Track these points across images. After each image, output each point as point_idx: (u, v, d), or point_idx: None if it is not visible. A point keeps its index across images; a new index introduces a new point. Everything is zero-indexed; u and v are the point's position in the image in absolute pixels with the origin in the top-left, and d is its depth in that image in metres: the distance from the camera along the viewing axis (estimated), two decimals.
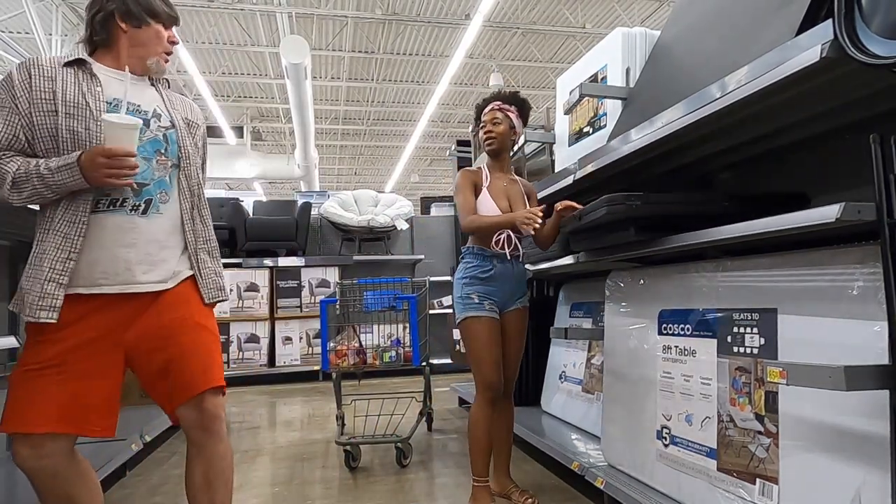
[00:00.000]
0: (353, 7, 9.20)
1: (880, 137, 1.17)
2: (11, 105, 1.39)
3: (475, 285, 2.20)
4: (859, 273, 1.36)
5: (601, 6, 9.61)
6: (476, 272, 2.21)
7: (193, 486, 1.51)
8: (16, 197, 1.38)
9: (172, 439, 3.45)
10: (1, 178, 1.37)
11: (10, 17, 8.80)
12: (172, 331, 1.48)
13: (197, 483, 1.50)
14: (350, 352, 2.93)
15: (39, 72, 1.41)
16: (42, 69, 1.42)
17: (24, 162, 1.38)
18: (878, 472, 1.24)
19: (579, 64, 2.81)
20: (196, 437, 1.50)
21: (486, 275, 2.20)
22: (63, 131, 1.39)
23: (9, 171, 1.37)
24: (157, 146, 1.50)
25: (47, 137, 1.40)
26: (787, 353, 1.51)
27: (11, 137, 1.39)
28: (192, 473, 1.51)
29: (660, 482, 1.90)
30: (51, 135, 1.40)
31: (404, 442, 2.78)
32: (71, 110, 1.40)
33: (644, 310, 2.12)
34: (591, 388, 2.80)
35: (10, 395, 1.39)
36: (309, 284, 5.75)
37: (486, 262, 2.21)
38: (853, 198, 1.65)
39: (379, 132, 15.82)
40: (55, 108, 1.40)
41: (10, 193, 1.38)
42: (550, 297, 3.81)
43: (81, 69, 1.46)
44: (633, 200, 1.76)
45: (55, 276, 1.38)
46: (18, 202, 1.39)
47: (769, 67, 1.29)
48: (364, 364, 2.93)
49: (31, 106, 1.39)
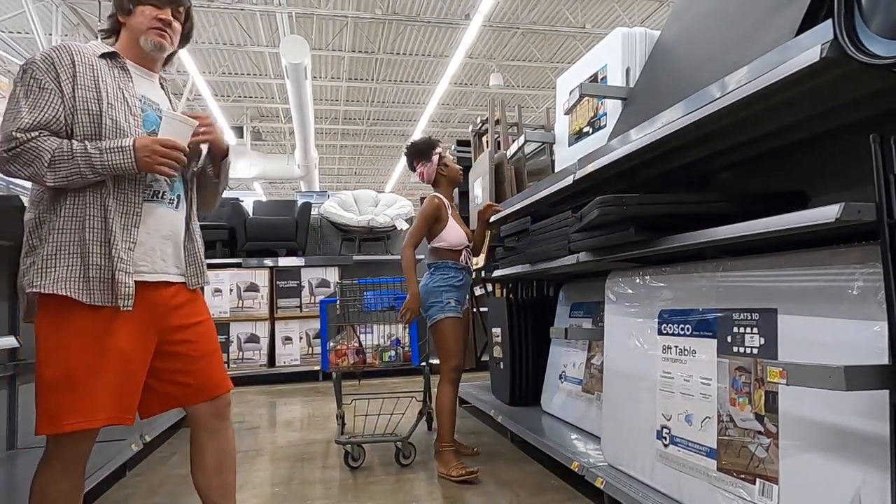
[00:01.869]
0: (353, 7, 9.20)
1: (880, 137, 1.17)
2: (54, 87, 1.40)
3: (452, 292, 2.72)
4: (859, 273, 1.36)
5: (601, 6, 9.61)
6: (452, 281, 2.74)
7: (206, 470, 1.59)
8: (51, 176, 1.37)
9: (172, 439, 3.45)
10: (37, 156, 1.36)
11: (10, 17, 8.80)
12: (199, 335, 1.59)
13: (210, 466, 1.59)
14: (350, 351, 2.95)
15: (81, 59, 1.44)
16: (83, 56, 1.45)
17: (62, 143, 1.38)
18: (878, 472, 1.24)
19: (579, 64, 2.81)
20: (211, 423, 1.60)
21: (460, 283, 2.76)
22: (107, 119, 1.43)
23: (46, 150, 1.36)
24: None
25: (88, 123, 1.42)
26: (787, 353, 1.51)
27: (52, 118, 1.39)
28: (203, 457, 1.59)
29: (660, 482, 1.90)
30: (93, 121, 1.42)
31: (404, 441, 2.78)
32: (112, 100, 1.46)
33: (644, 310, 2.12)
34: (591, 388, 2.80)
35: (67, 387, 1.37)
36: (309, 284, 5.76)
37: (459, 273, 2.77)
38: (853, 198, 1.65)
39: (379, 132, 15.82)
40: (98, 95, 1.43)
41: (46, 172, 1.36)
42: (550, 297, 3.81)
43: (115, 62, 1.52)
44: (625, 202, 1.76)
45: (123, 266, 1.42)
46: (52, 182, 1.38)
47: (769, 67, 1.29)
48: (364, 364, 2.95)
49: (74, 90, 1.41)
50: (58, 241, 1.40)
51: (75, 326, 1.40)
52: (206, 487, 1.59)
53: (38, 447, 2.73)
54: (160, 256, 1.53)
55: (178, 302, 1.57)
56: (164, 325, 1.53)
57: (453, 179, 2.95)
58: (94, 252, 1.40)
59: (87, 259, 1.39)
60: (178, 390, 1.56)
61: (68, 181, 1.38)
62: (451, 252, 2.79)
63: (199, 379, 1.57)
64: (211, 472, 1.59)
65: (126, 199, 1.46)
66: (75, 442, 1.41)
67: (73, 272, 1.39)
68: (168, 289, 1.55)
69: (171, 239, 1.57)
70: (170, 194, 1.57)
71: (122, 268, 1.41)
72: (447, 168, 2.92)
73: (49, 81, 1.40)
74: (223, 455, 1.61)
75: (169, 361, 1.54)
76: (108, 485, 2.52)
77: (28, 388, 2.83)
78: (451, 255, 2.78)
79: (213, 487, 1.59)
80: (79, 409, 1.37)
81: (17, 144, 1.35)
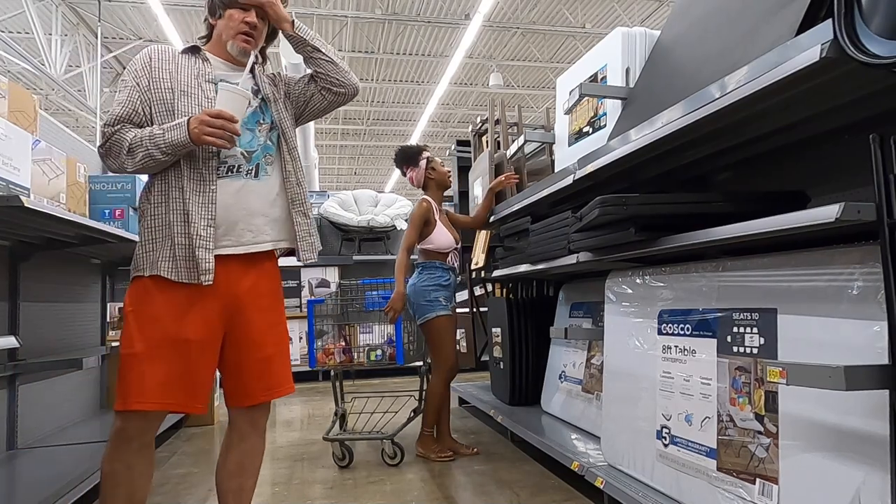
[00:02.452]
0: (353, 7, 9.20)
1: (880, 137, 1.17)
2: (133, 84, 1.54)
3: (440, 291, 2.91)
4: (859, 273, 1.36)
5: (601, 6, 9.61)
6: (440, 281, 2.93)
7: (226, 470, 1.62)
8: (130, 162, 1.49)
9: (173, 439, 3.45)
10: (119, 146, 1.50)
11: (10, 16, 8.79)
12: (264, 334, 1.60)
13: (230, 467, 1.62)
14: (336, 350, 2.99)
15: (159, 56, 1.57)
16: (162, 54, 1.58)
17: (140, 131, 1.51)
18: (878, 473, 1.24)
19: (579, 64, 2.81)
20: (243, 428, 1.63)
21: (448, 283, 2.95)
22: (179, 106, 1.53)
23: (126, 139, 1.49)
24: (257, 118, 1.63)
25: (164, 112, 1.53)
26: (786, 353, 1.51)
27: (131, 111, 1.52)
28: (227, 458, 1.62)
29: (660, 482, 1.90)
30: (167, 110, 1.53)
31: (390, 440, 2.81)
32: (185, 88, 1.55)
33: (644, 310, 2.12)
34: (591, 388, 2.80)
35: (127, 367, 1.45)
36: (309, 284, 5.76)
37: (446, 273, 2.97)
38: (853, 198, 1.66)
39: (379, 132, 15.81)
40: (172, 86, 1.54)
41: (126, 159, 1.49)
42: (550, 297, 3.81)
43: (196, 55, 1.62)
44: (625, 202, 1.76)
45: (203, 243, 1.47)
46: (132, 168, 1.50)
47: (769, 67, 1.29)
48: (351, 362, 2.99)
49: (150, 83, 1.54)
50: (151, 227, 1.51)
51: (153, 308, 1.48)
52: (222, 486, 1.62)
53: (39, 447, 2.74)
54: (247, 228, 1.55)
55: (259, 283, 1.59)
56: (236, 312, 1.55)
57: (441, 182, 3.09)
58: (178, 233, 1.48)
59: (175, 240, 1.48)
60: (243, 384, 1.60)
61: (144, 165, 1.49)
62: (439, 253, 2.97)
63: (260, 381, 1.59)
64: (230, 473, 1.62)
65: (200, 178, 1.50)
66: (127, 420, 1.45)
67: (165, 253, 1.48)
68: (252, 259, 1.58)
69: (259, 210, 1.58)
70: (246, 166, 1.57)
71: (202, 244, 1.47)
72: (435, 172, 3.08)
73: (131, 80, 1.54)
74: (245, 459, 1.63)
75: (236, 350, 1.57)
76: None
77: (28, 387, 2.83)
78: (438, 256, 2.97)
79: (229, 489, 1.62)
80: (139, 391, 1.43)
81: (106, 139, 1.51)
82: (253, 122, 1.61)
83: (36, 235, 2.56)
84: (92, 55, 9.79)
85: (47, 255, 2.95)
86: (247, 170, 1.57)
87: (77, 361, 2.44)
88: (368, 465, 2.81)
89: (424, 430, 2.95)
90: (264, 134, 1.63)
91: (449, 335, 2.89)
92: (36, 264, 2.89)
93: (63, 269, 3.26)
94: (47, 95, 11.52)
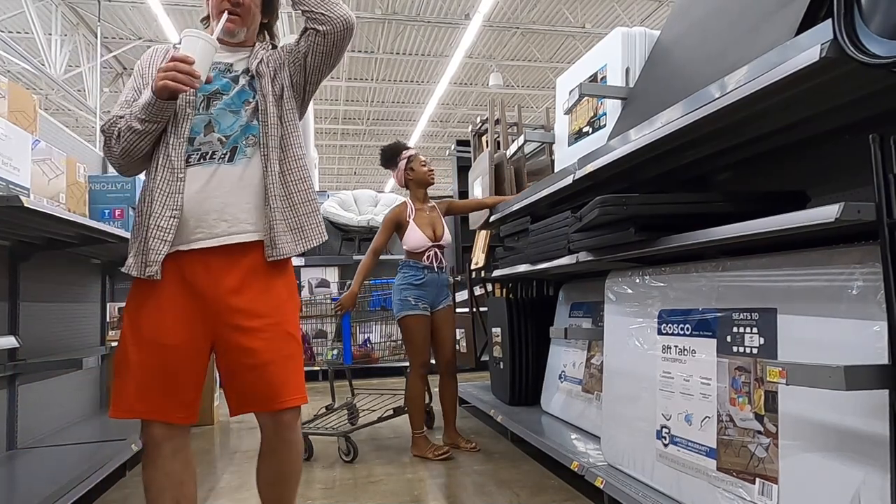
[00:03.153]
0: (353, 7, 9.20)
1: (880, 137, 1.17)
2: (132, 85, 1.55)
3: (411, 290, 2.94)
4: (859, 273, 1.36)
5: (601, 6, 9.61)
6: (412, 280, 2.96)
7: (262, 479, 1.57)
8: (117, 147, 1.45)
9: None
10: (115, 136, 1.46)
11: (9, 16, 8.79)
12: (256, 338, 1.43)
13: (265, 478, 1.56)
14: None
15: (159, 56, 1.57)
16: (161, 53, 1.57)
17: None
18: (877, 472, 1.24)
19: (579, 64, 2.81)
20: (270, 440, 1.53)
21: (420, 282, 2.96)
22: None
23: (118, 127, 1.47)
24: (245, 97, 1.52)
25: None
26: (786, 352, 1.51)
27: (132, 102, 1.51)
28: (260, 469, 1.56)
29: (659, 482, 1.90)
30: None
31: (345, 436, 2.89)
32: None
33: (644, 310, 2.12)
34: (591, 388, 2.80)
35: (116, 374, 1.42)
36: (308, 284, 5.75)
37: (419, 272, 2.98)
38: (853, 198, 1.66)
39: (379, 132, 15.82)
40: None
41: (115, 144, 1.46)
42: (550, 297, 3.81)
43: None
44: (625, 202, 1.76)
45: (160, 234, 1.39)
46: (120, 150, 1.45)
47: (769, 67, 1.29)
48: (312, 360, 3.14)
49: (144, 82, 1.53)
50: (136, 223, 1.47)
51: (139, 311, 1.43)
52: (262, 494, 1.58)
53: (39, 447, 2.74)
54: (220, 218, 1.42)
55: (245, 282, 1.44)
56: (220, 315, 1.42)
57: (421, 181, 3.11)
58: (144, 226, 1.42)
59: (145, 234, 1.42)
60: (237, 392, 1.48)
61: (128, 141, 1.44)
62: (414, 253, 3.01)
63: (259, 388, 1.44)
64: (265, 482, 1.56)
65: (171, 167, 1.42)
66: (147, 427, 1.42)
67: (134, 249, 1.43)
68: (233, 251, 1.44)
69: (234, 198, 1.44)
70: (221, 150, 1.45)
71: (159, 235, 1.39)
72: (413, 172, 3.11)
73: (130, 82, 1.56)
74: (279, 470, 1.54)
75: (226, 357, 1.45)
76: (108, 485, 2.52)
77: (28, 387, 2.83)
78: (413, 255, 3.02)
79: (266, 498, 1.57)
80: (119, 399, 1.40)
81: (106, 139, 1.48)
82: (239, 103, 1.50)
83: (36, 235, 2.56)
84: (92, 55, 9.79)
85: (47, 255, 2.95)
86: (221, 154, 1.45)
87: (77, 361, 2.44)
88: (369, 465, 2.81)
89: (414, 434, 2.98)
90: (248, 114, 1.50)
91: (415, 334, 2.91)
92: (36, 264, 2.89)
93: (63, 269, 3.26)
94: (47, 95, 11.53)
